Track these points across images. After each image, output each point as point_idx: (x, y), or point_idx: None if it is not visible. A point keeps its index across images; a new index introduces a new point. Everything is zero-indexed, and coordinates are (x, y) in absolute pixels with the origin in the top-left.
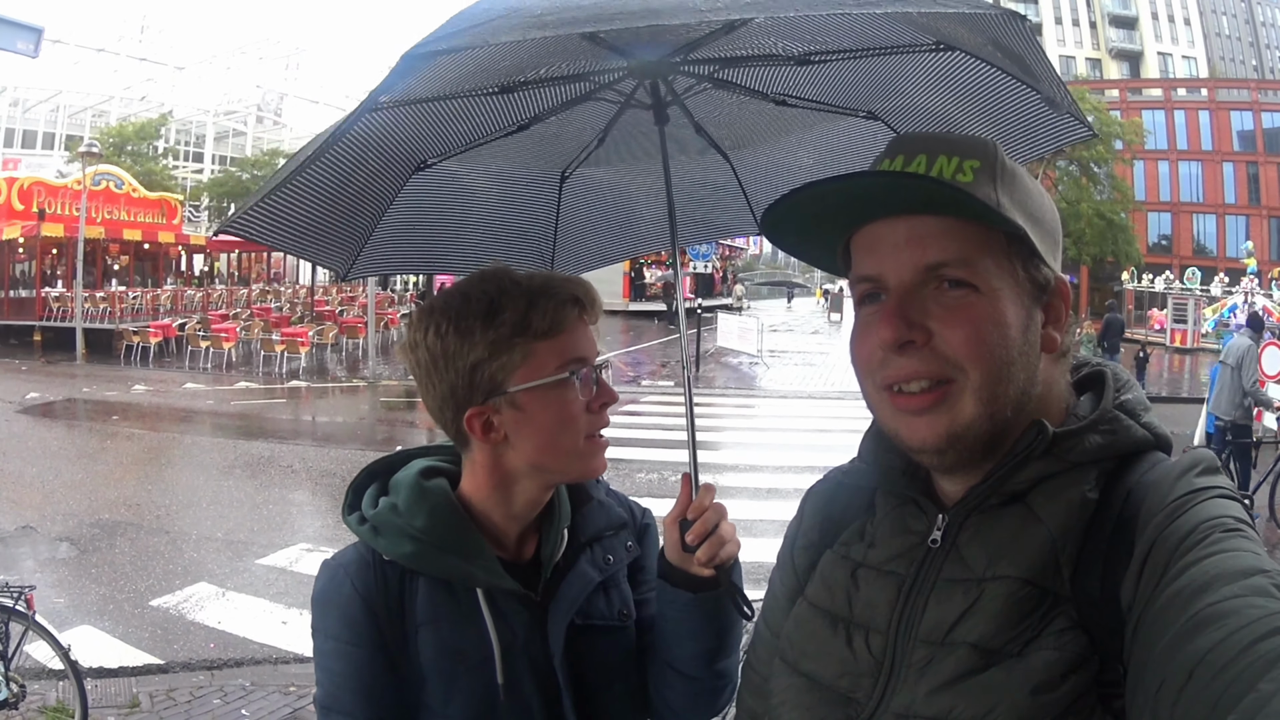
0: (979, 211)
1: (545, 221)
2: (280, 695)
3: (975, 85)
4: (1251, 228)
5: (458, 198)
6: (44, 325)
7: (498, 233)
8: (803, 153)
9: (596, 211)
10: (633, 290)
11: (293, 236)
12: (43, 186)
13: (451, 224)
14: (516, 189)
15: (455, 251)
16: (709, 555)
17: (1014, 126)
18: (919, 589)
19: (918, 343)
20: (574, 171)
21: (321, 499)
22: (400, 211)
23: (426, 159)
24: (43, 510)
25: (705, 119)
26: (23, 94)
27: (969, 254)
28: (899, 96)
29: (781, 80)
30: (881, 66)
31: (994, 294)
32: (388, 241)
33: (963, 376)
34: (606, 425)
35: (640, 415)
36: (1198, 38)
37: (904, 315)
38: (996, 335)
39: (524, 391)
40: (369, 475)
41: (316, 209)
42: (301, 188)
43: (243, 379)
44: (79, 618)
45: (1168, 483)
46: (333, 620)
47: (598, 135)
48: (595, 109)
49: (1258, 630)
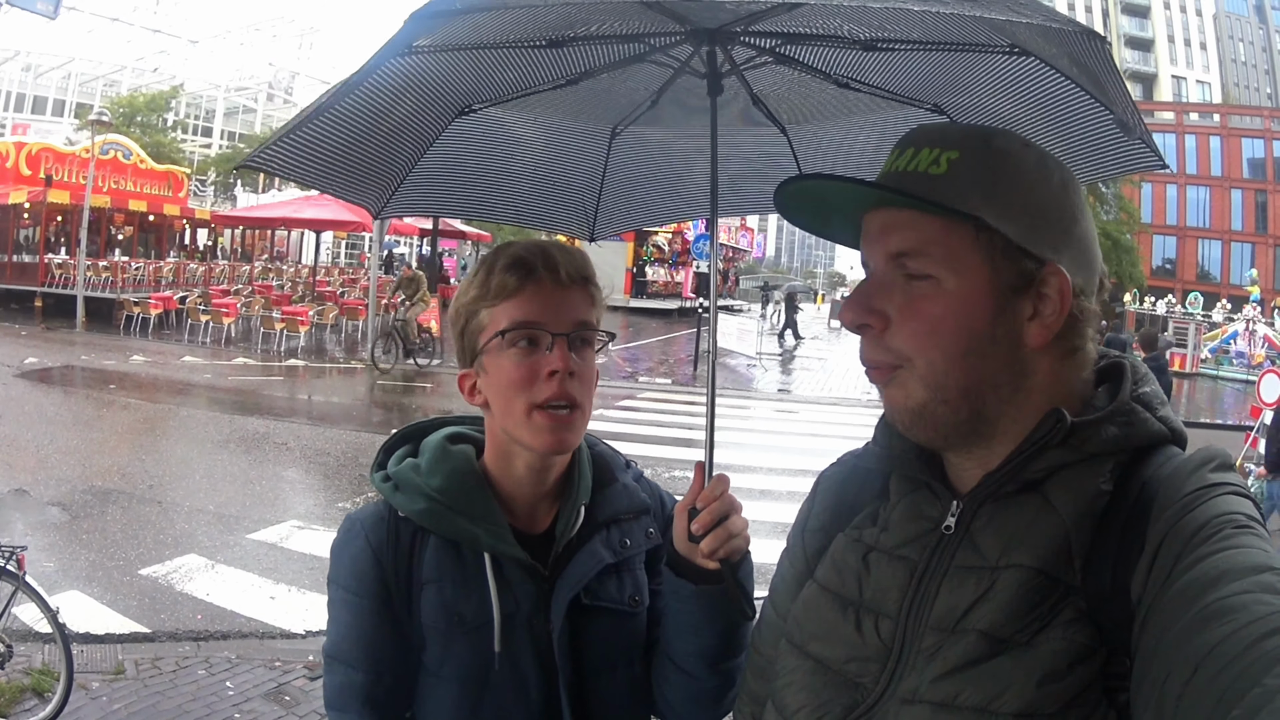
0: (926, 202)
1: (592, 175)
2: (265, 669)
3: (1047, 95)
4: (1257, 255)
5: (502, 145)
6: (45, 291)
7: (541, 183)
8: (863, 135)
9: (644, 171)
10: (635, 287)
11: (320, 171)
12: (50, 153)
13: (494, 171)
14: (564, 140)
15: (496, 199)
16: (712, 547)
17: (1083, 144)
18: (931, 575)
19: (874, 328)
20: (625, 129)
21: (314, 477)
22: (440, 154)
23: (471, 104)
24: (36, 474)
25: (764, 91)
26: (35, 59)
27: (928, 245)
28: (968, 94)
29: (846, 63)
30: (952, 62)
31: (952, 285)
32: (425, 183)
33: (909, 364)
34: (561, 397)
35: (637, 411)
36: (1213, 63)
37: (865, 301)
38: (950, 326)
39: (484, 355)
40: (402, 438)
41: (347, 145)
42: (331, 124)
43: (241, 355)
44: (68, 582)
45: (1181, 477)
46: (343, 570)
47: (651, 96)
48: (649, 70)
49: (1265, 626)
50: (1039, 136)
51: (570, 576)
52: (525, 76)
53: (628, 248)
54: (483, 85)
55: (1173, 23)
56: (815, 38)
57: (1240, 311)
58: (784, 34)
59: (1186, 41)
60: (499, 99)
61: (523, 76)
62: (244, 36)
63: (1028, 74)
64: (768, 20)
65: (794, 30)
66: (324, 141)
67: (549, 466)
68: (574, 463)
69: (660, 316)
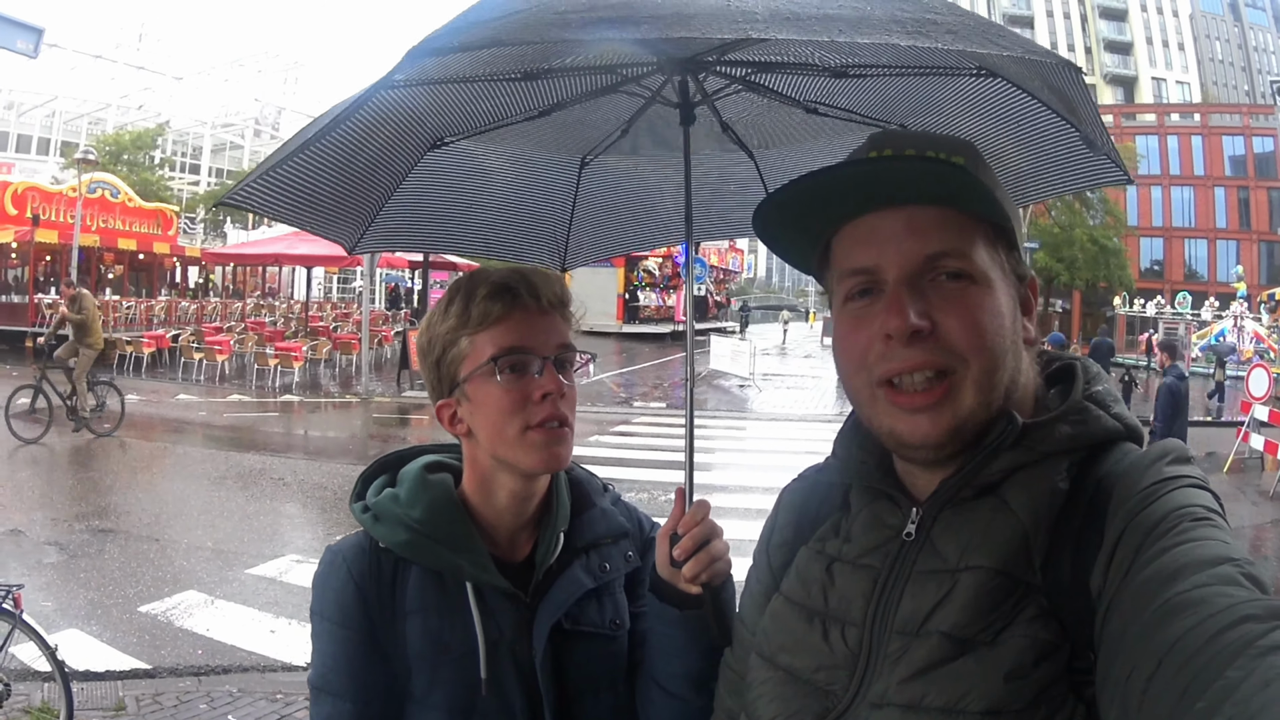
0: (983, 202)
1: (561, 206)
2: (267, 702)
3: (1015, 113)
4: (1242, 252)
5: (471, 177)
6: (36, 331)
7: (511, 215)
8: (830, 157)
9: (614, 199)
10: (626, 312)
11: (297, 208)
12: (37, 192)
13: (464, 203)
14: (534, 172)
15: (467, 231)
16: (694, 572)
17: (1049, 159)
18: (894, 581)
19: (924, 332)
20: (594, 158)
21: (312, 511)
22: (412, 188)
23: (443, 137)
24: (31, 515)
25: (733, 118)
26: (18, 98)
27: (965, 245)
28: (935, 114)
29: (816, 88)
30: (920, 84)
31: (989, 284)
32: (397, 218)
33: (964, 367)
34: (554, 417)
35: (632, 436)
36: (1191, 63)
37: (915, 305)
38: (993, 325)
39: (470, 382)
40: (380, 466)
41: (323, 182)
42: (308, 162)
43: (235, 392)
44: (66, 621)
45: (1138, 471)
46: (327, 602)
47: (621, 125)
48: (621, 100)
49: (1226, 619)
50: (1007, 152)
51: (551, 603)
52: (498, 109)
53: (619, 273)
54: (456, 118)
55: (1150, 25)
56: (787, 66)
57: (1228, 308)
58: (756, 63)
59: (1165, 43)
60: (471, 131)
61: (496, 108)
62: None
63: (996, 93)
64: (743, 50)
65: (766, 59)
66: (300, 178)
67: (531, 494)
68: (552, 490)
69: (653, 341)
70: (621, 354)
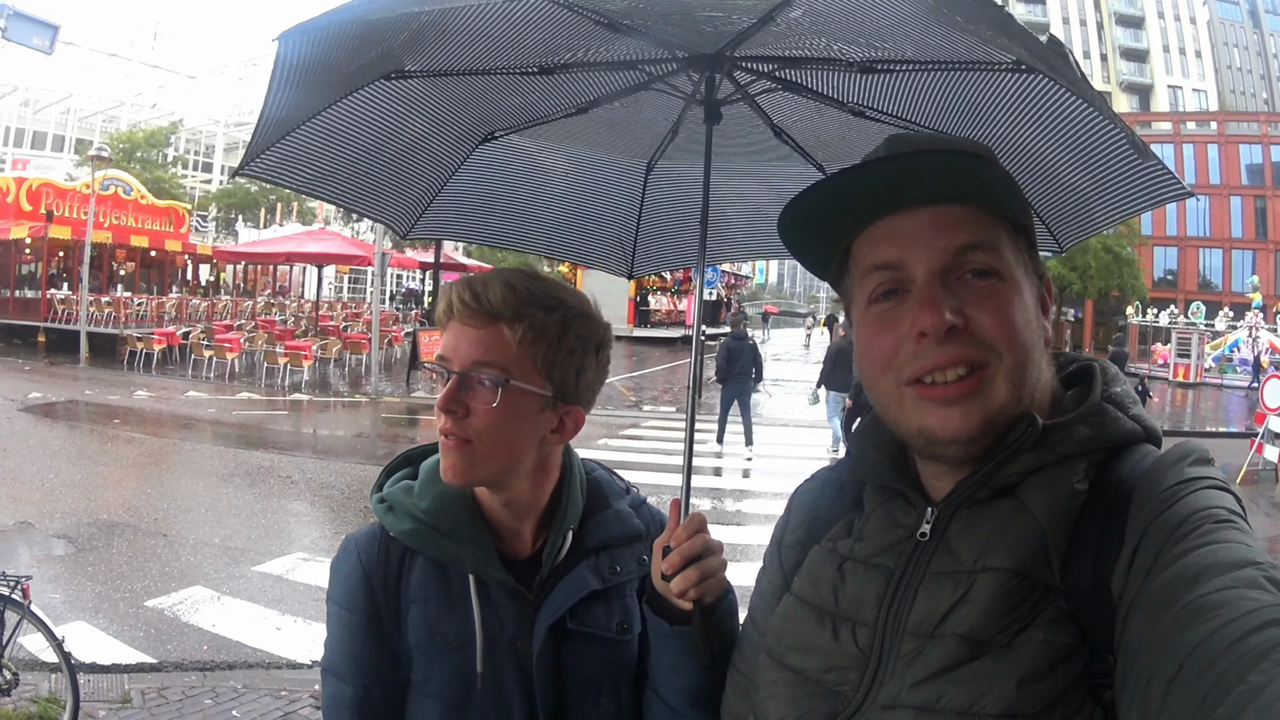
0: (1007, 193)
1: (628, 212)
2: (272, 699)
3: (1063, 119)
4: (1258, 262)
5: (533, 175)
6: (48, 326)
7: (575, 217)
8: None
9: (679, 209)
10: (638, 316)
11: (330, 183)
12: (51, 188)
13: (527, 201)
14: (596, 174)
15: (530, 229)
16: (681, 588)
17: (1114, 179)
18: (908, 582)
19: (958, 328)
20: (658, 164)
21: (319, 510)
22: (469, 180)
23: (491, 131)
24: (41, 508)
25: (785, 122)
26: (34, 94)
27: (993, 241)
28: (991, 124)
29: (855, 90)
30: (961, 83)
31: (1015, 281)
32: (454, 207)
33: (997, 360)
34: (443, 431)
35: (641, 440)
36: (1208, 71)
37: (947, 301)
38: (1022, 320)
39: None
40: (404, 459)
41: (354, 158)
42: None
43: (245, 389)
44: (74, 614)
45: (1159, 473)
46: (337, 587)
47: (671, 128)
48: (664, 100)
49: (1249, 623)
50: (1075, 177)
51: (554, 601)
52: (528, 103)
53: None
54: (492, 111)
55: (1167, 32)
56: (811, 60)
57: (1242, 319)
58: (777, 58)
59: (1181, 50)
60: (514, 125)
61: (528, 103)
62: (242, 71)
63: (1039, 95)
64: (757, 42)
65: (786, 53)
66: (326, 152)
67: (511, 500)
68: (561, 488)
69: (664, 345)
70: (632, 358)
